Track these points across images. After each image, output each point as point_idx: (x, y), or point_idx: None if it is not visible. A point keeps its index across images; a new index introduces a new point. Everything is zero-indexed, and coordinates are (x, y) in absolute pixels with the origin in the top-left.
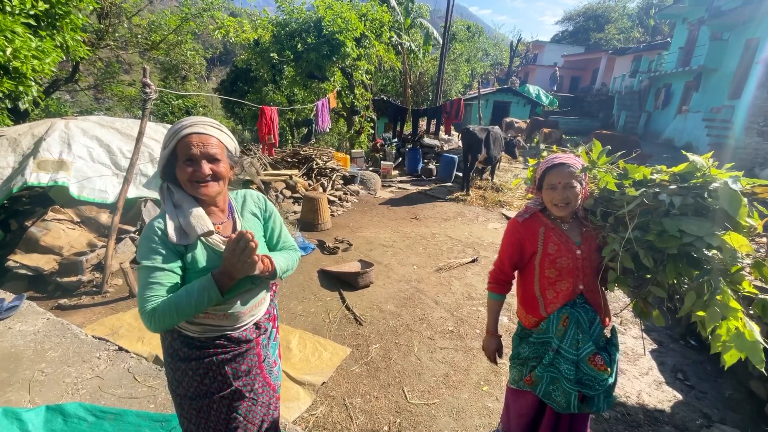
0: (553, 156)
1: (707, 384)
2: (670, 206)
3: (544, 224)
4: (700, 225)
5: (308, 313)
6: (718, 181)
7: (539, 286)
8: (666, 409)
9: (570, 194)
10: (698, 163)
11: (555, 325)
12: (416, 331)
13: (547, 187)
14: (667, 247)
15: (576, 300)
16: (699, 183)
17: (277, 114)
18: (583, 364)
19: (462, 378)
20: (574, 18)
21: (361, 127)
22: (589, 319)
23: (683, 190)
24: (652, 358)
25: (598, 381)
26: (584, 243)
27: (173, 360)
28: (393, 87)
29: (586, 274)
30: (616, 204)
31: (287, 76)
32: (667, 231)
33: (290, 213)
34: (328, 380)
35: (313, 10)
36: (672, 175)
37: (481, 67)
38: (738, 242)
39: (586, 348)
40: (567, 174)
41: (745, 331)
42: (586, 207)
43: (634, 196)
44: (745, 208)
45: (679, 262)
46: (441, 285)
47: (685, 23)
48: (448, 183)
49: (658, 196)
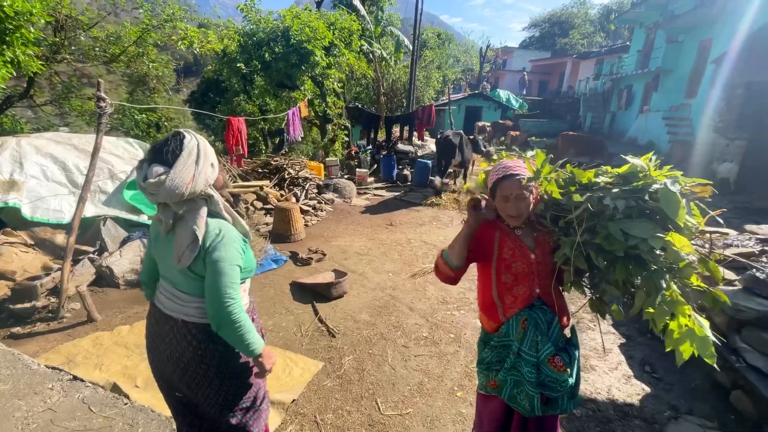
0: (502, 166)
1: (674, 375)
2: (615, 210)
3: (500, 229)
4: (642, 227)
5: (279, 327)
6: (658, 182)
7: (497, 292)
8: (635, 403)
9: (522, 206)
10: (638, 165)
11: (514, 329)
12: (390, 339)
13: (500, 199)
14: (614, 249)
15: (534, 303)
16: (640, 185)
17: (245, 124)
18: (544, 366)
19: (436, 385)
20: (540, 24)
21: (335, 135)
22: (548, 321)
23: (626, 193)
24: (621, 353)
25: (560, 382)
26: (538, 247)
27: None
28: (366, 95)
29: (542, 277)
30: (565, 208)
31: (258, 85)
32: (612, 234)
33: (262, 225)
34: (299, 397)
35: (280, 19)
36: (616, 177)
37: (453, 73)
38: (680, 243)
39: (546, 350)
40: (518, 185)
41: (694, 327)
42: (537, 212)
43: (580, 202)
44: (683, 210)
45: (628, 263)
46: (416, 291)
47: (642, 27)
48: (423, 188)
49: (602, 200)
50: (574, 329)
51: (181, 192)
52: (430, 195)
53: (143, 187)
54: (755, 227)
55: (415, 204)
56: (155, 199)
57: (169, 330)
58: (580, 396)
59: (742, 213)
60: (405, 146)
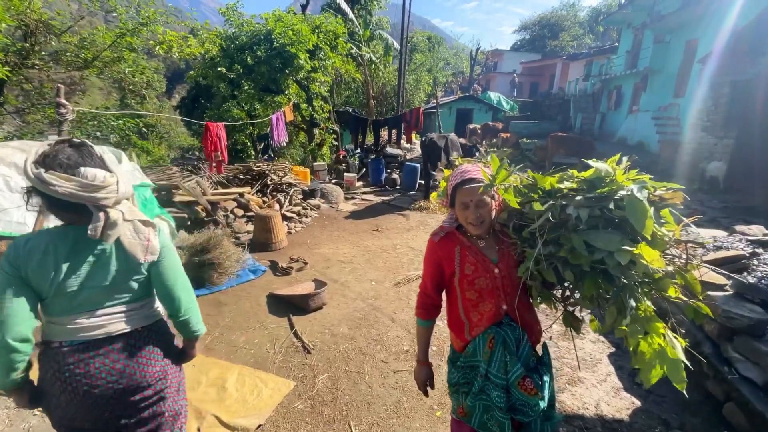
0: (460, 171)
1: (665, 386)
2: (577, 220)
3: (460, 242)
4: (608, 239)
5: (251, 344)
6: (624, 188)
7: (463, 309)
8: (625, 419)
9: (483, 212)
10: (603, 170)
11: (481, 348)
12: (369, 354)
13: (460, 206)
14: (579, 263)
15: (502, 320)
16: (605, 192)
17: (224, 130)
18: (514, 389)
19: (414, 404)
20: (530, 27)
21: (323, 139)
22: (516, 338)
23: (589, 201)
24: (610, 363)
25: (531, 406)
26: (501, 260)
27: None
28: (356, 98)
29: (508, 293)
30: (529, 216)
31: (245, 90)
32: (576, 247)
33: (243, 233)
34: (266, 422)
35: (262, 22)
36: (581, 183)
37: (443, 76)
38: (650, 256)
39: (515, 371)
40: (477, 190)
41: (666, 348)
42: (499, 221)
43: (541, 211)
44: (650, 220)
45: (597, 278)
46: (399, 300)
47: (630, 28)
48: (411, 192)
49: (565, 209)
50: (546, 347)
51: (130, 191)
52: (418, 199)
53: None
54: (745, 227)
55: (402, 208)
56: (108, 202)
57: (104, 357)
58: (558, 415)
59: (732, 212)
60: (393, 149)
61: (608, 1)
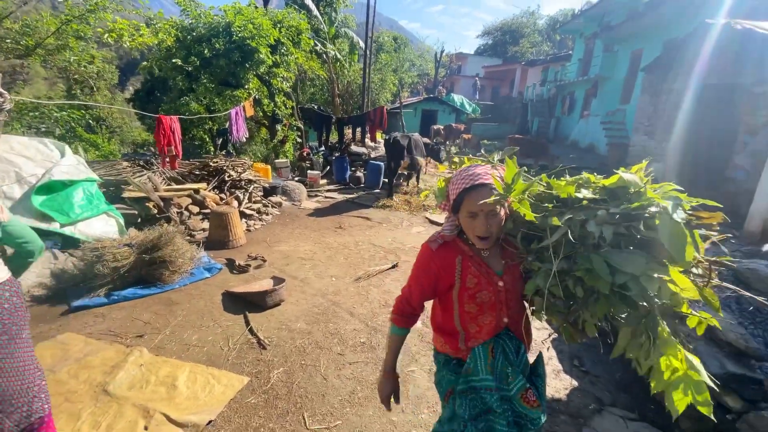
0: (469, 173)
1: (600, 367)
2: (600, 239)
3: (462, 252)
4: (633, 262)
5: (204, 342)
6: (655, 204)
7: (459, 320)
8: (562, 398)
9: (493, 223)
10: (630, 181)
11: (483, 361)
12: (326, 348)
13: (467, 214)
14: (597, 285)
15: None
16: (633, 208)
17: (178, 123)
18: (516, 402)
19: (368, 393)
20: (493, 32)
21: (285, 136)
22: (515, 348)
23: (613, 217)
24: (552, 347)
25: (531, 419)
26: (507, 273)
27: None
28: (321, 95)
29: (510, 307)
30: (540, 227)
31: (203, 84)
32: (595, 269)
33: (198, 231)
34: (217, 417)
35: (221, 14)
36: (601, 191)
37: (409, 77)
38: (683, 284)
39: (518, 383)
40: (489, 199)
41: (688, 372)
42: (505, 230)
43: (557, 226)
44: (690, 247)
45: (613, 300)
46: (359, 295)
47: (582, 37)
48: (375, 190)
49: (585, 225)
50: (541, 357)
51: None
52: (382, 197)
53: None
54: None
55: (366, 206)
56: None
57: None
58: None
59: None
60: (358, 148)
61: (565, 11)
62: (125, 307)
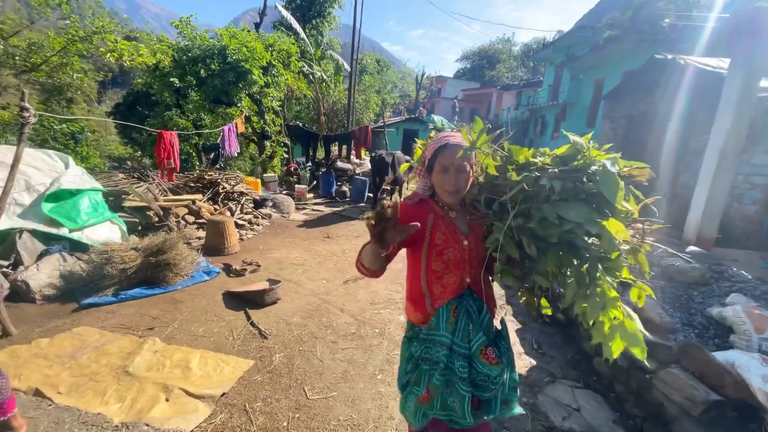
0: (442, 135)
1: (555, 350)
2: (551, 191)
3: (434, 211)
4: (579, 211)
5: (211, 333)
6: (596, 163)
7: (426, 281)
8: (523, 374)
9: (461, 179)
10: (578, 144)
11: (445, 319)
12: (320, 337)
13: (439, 169)
14: (548, 234)
15: (463, 293)
16: (579, 165)
17: (177, 138)
18: (476, 360)
19: (359, 371)
20: (471, 57)
21: (273, 152)
22: (477, 308)
23: (563, 173)
24: (516, 336)
25: (492, 378)
26: (471, 232)
27: None
28: (307, 114)
29: (473, 266)
30: (500, 190)
31: (193, 100)
32: (547, 218)
33: (194, 239)
34: (229, 391)
35: (217, 38)
36: (554, 158)
37: (391, 98)
38: (615, 228)
39: (478, 339)
40: (459, 153)
41: (625, 321)
42: (470, 197)
43: (516, 181)
44: (621, 192)
45: (561, 250)
46: (348, 295)
47: (552, 65)
48: (360, 203)
49: (539, 181)
50: (504, 322)
51: None
52: (366, 210)
53: None
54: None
55: (352, 218)
56: None
57: None
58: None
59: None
60: (344, 164)
61: (538, 39)
62: (133, 305)
